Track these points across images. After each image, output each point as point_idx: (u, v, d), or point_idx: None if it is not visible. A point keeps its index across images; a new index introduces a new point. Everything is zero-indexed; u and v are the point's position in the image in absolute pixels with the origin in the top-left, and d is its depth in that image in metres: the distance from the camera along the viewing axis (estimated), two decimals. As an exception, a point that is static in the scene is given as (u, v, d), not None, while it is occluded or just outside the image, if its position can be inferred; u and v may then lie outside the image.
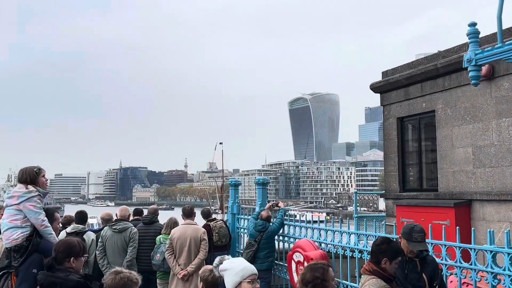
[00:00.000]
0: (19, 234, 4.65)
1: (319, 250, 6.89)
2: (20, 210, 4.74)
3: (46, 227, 4.66)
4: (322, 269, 3.49)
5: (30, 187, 4.81)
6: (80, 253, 3.85)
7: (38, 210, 4.68)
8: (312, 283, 3.40)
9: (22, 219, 4.71)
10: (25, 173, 4.91)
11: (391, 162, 10.86)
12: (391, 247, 4.24)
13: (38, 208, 4.70)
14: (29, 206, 4.70)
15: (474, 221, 8.67)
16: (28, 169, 4.95)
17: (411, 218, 9.07)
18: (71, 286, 3.54)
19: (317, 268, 3.51)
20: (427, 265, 4.67)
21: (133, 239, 7.89)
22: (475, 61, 5.31)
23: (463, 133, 9.05)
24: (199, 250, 7.78)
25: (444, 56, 9.63)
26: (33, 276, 4.39)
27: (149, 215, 8.86)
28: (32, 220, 4.68)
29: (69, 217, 8.55)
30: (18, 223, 4.71)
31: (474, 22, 5.51)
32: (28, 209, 4.69)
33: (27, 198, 4.74)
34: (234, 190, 10.22)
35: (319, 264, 3.59)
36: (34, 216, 4.67)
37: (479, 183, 8.69)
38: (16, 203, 4.78)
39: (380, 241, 4.31)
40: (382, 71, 11.49)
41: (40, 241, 4.66)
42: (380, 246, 4.25)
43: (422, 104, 10.07)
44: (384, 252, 4.21)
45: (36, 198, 4.74)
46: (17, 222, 4.71)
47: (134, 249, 7.86)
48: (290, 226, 7.97)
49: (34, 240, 4.63)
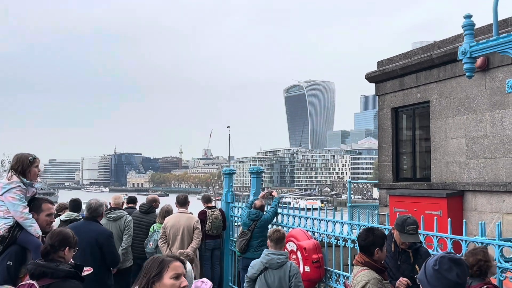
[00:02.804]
0: (1, 225, 4.61)
1: (312, 240, 6.92)
2: (3, 201, 4.71)
3: (26, 219, 4.59)
4: (482, 252, 3.92)
5: (13, 178, 4.75)
6: (73, 244, 3.85)
7: (16, 202, 4.60)
8: (477, 265, 3.84)
9: (5, 210, 4.67)
10: (19, 160, 4.85)
11: (385, 152, 10.89)
12: (377, 236, 4.29)
13: (18, 199, 4.62)
14: (8, 198, 4.65)
15: (466, 212, 8.73)
16: (23, 157, 4.88)
17: (404, 208, 9.13)
18: (62, 276, 3.53)
19: (477, 252, 3.94)
20: (420, 256, 4.71)
21: (128, 227, 7.85)
22: (470, 53, 5.30)
23: (457, 124, 9.07)
24: (192, 239, 7.81)
25: (440, 47, 9.61)
26: (7, 268, 4.37)
27: (146, 204, 8.83)
28: (11, 212, 4.63)
29: (62, 205, 8.52)
30: (1, 214, 4.66)
31: (470, 14, 5.48)
32: (8, 201, 4.64)
33: (7, 189, 4.68)
34: (229, 178, 10.21)
35: (478, 249, 4.03)
36: (12, 208, 4.62)
37: (472, 174, 8.73)
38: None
39: (365, 235, 4.34)
40: (377, 61, 11.46)
41: (19, 233, 4.60)
42: (368, 240, 4.28)
43: (416, 95, 10.07)
44: (373, 244, 4.25)
45: (16, 189, 4.66)
46: (0, 213, 4.67)
47: (129, 237, 7.84)
48: (283, 215, 7.99)
49: (13, 233, 4.58)
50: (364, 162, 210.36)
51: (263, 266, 5.46)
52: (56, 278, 3.49)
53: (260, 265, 5.50)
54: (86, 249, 5.58)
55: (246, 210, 8.19)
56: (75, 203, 7.27)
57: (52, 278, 3.49)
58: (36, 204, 4.80)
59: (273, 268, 5.43)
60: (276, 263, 5.44)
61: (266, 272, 5.43)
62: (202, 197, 9.49)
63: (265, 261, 5.48)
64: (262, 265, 5.48)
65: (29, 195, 4.82)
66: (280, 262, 5.45)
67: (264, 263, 5.47)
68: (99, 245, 5.95)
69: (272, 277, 5.39)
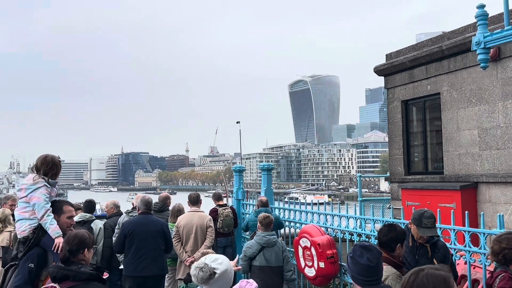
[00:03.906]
0: (27, 226, 4.63)
1: (326, 235, 6.90)
2: (29, 202, 4.73)
3: (45, 220, 4.61)
4: (507, 239, 3.98)
5: (37, 178, 4.77)
6: (91, 245, 3.85)
7: (41, 202, 4.64)
8: (501, 253, 3.94)
9: (31, 211, 4.69)
10: (45, 161, 4.85)
11: (396, 146, 10.83)
12: (399, 232, 4.28)
13: (43, 199, 4.66)
14: (34, 198, 4.68)
15: (480, 204, 8.67)
16: (49, 158, 4.92)
17: (417, 201, 9.08)
18: (84, 278, 3.53)
19: (502, 239, 4.01)
20: (438, 250, 4.67)
21: None
22: (484, 43, 5.25)
23: (469, 115, 8.99)
24: (205, 237, 7.81)
25: (449, 38, 9.52)
26: (28, 270, 4.39)
27: (159, 202, 8.86)
28: (36, 212, 4.65)
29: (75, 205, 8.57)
30: (27, 215, 4.68)
31: (483, 3, 5.41)
32: (32, 202, 4.67)
33: (33, 189, 4.71)
34: (239, 175, 10.21)
35: (503, 235, 4.09)
36: (36, 208, 4.64)
37: (485, 165, 8.66)
38: (24, 196, 4.76)
39: (388, 230, 4.32)
40: (386, 54, 11.38)
41: (43, 235, 4.62)
42: (390, 235, 4.26)
43: (427, 87, 10.00)
44: (395, 240, 4.23)
45: (42, 189, 4.71)
46: (26, 214, 4.69)
47: None
48: (296, 211, 7.96)
49: (37, 234, 4.60)
50: (370, 156, 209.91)
51: (261, 246, 6.60)
52: (78, 280, 3.49)
53: (257, 246, 6.62)
54: (155, 236, 6.82)
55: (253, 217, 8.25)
56: (90, 204, 7.33)
57: (74, 280, 3.49)
58: (58, 206, 4.81)
59: (269, 246, 6.60)
60: (272, 242, 6.64)
61: (264, 251, 6.58)
62: (213, 195, 9.50)
63: (262, 242, 6.62)
64: (259, 246, 6.61)
65: (53, 195, 4.85)
66: (274, 241, 6.68)
67: (262, 243, 6.61)
68: (164, 232, 7.00)
69: (269, 253, 6.58)
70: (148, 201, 7.15)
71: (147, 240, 6.76)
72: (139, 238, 6.73)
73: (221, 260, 3.43)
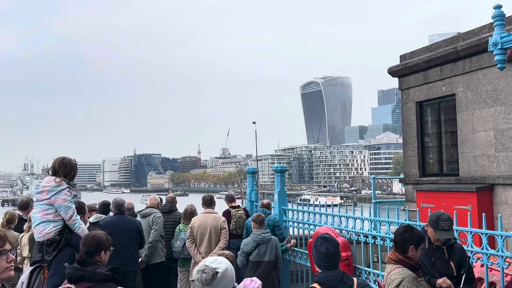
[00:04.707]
0: (52, 228, 4.67)
1: (341, 238, 6.86)
2: (52, 205, 4.76)
3: (74, 220, 4.68)
4: None
5: (58, 180, 4.82)
6: (108, 247, 3.87)
7: (68, 203, 4.69)
8: None
9: (54, 213, 4.73)
10: (64, 164, 4.93)
11: (410, 147, 10.74)
12: (415, 234, 4.24)
13: (68, 201, 4.71)
14: (59, 200, 4.72)
15: (496, 206, 8.56)
16: (66, 160, 4.98)
17: (432, 203, 8.99)
18: (99, 279, 3.55)
19: None
20: (455, 253, 4.62)
21: (156, 223, 8.06)
22: (501, 44, 5.20)
23: (485, 117, 8.89)
24: (219, 239, 7.81)
25: (464, 39, 9.42)
26: (64, 269, 4.46)
27: (167, 204, 8.94)
28: (62, 214, 4.69)
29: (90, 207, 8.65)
30: (50, 217, 4.72)
31: (499, 4, 5.37)
32: (58, 203, 4.70)
33: (57, 191, 4.75)
34: (252, 177, 10.22)
35: None
36: (64, 210, 4.68)
37: (502, 167, 8.55)
38: (47, 198, 4.78)
39: (403, 230, 4.30)
40: (400, 55, 11.31)
41: (72, 236, 4.69)
42: (405, 235, 4.24)
43: (442, 88, 9.90)
44: (409, 241, 4.20)
45: (66, 190, 4.76)
46: (49, 216, 4.72)
47: (155, 232, 7.99)
48: (309, 213, 7.94)
49: (66, 235, 4.66)
50: (383, 157, 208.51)
51: (256, 243, 7.20)
52: (94, 281, 3.52)
53: (253, 243, 7.21)
54: (132, 234, 7.25)
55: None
56: (105, 207, 7.45)
57: (90, 281, 3.51)
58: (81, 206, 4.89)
59: (264, 243, 7.19)
60: (266, 239, 7.22)
61: (259, 247, 7.17)
62: (226, 196, 9.52)
63: (258, 240, 7.21)
64: (255, 243, 7.21)
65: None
66: (268, 238, 7.25)
67: (258, 241, 7.20)
68: (140, 230, 7.45)
69: (264, 249, 7.16)
70: (119, 203, 7.44)
71: (124, 238, 7.04)
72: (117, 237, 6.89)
73: (220, 260, 3.59)
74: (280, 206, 8.81)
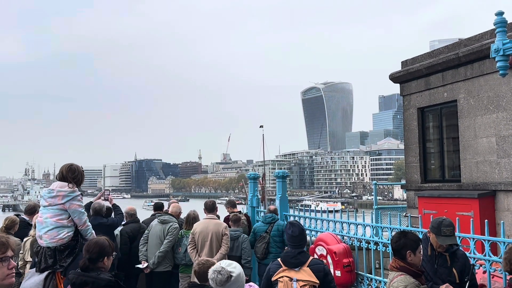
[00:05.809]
0: (66, 234, 4.66)
1: (342, 244, 6.85)
2: (65, 210, 4.74)
3: (87, 226, 4.71)
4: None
5: (72, 186, 4.82)
6: (110, 253, 3.88)
7: (82, 209, 4.73)
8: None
9: (67, 219, 4.72)
10: (76, 170, 4.94)
11: (412, 153, 10.74)
12: (408, 239, 4.21)
13: (82, 207, 4.75)
14: (75, 205, 4.72)
15: (498, 212, 8.54)
16: (75, 167, 4.98)
17: (434, 209, 8.98)
18: (103, 285, 3.56)
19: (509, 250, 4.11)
20: (457, 259, 4.60)
21: (171, 234, 7.97)
22: (503, 50, 5.20)
23: (487, 123, 8.89)
24: (221, 245, 7.80)
25: (466, 45, 9.45)
26: None
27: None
28: (75, 219, 4.70)
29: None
30: (65, 223, 4.70)
31: (501, 11, 5.37)
32: (73, 209, 4.71)
33: (72, 197, 4.76)
34: (253, 183, 10.22)
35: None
36: (78, 216, 4.70)
37: (504, 173, 8.55)
38: (61, 203, 4.77)
39: (397, 238, 4.28)
40: (401, 61, 11.33)
41: (84, 241, 4.67)
42: (399, 242, 4.22)
43: (443, 94, 9.92)
44: (404, 246, 4.17)
45: (79, 197, 4.80)
46: (64, 221, 4.71)
47: (168, 243, 7.90)
48: (311, 219, 7.93)
49: (81, 241, 4.66)
50: (384, 163, 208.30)
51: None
52: (97, 287, 3.52)
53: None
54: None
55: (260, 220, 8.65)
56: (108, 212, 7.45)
57: (93, 287, 3.52)
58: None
59: (232, 239, 7.82)
60: (234, 236, 7.88)
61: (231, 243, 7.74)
62: (227, 202, 9.50)
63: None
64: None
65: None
66: (236, 236, 7.96)
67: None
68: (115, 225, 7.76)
69: (231, 245, 7.76)
70: (97, 209, 7.45)
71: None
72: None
73: (235, 264, 3.78)
74: (282, 212, 8.80)
